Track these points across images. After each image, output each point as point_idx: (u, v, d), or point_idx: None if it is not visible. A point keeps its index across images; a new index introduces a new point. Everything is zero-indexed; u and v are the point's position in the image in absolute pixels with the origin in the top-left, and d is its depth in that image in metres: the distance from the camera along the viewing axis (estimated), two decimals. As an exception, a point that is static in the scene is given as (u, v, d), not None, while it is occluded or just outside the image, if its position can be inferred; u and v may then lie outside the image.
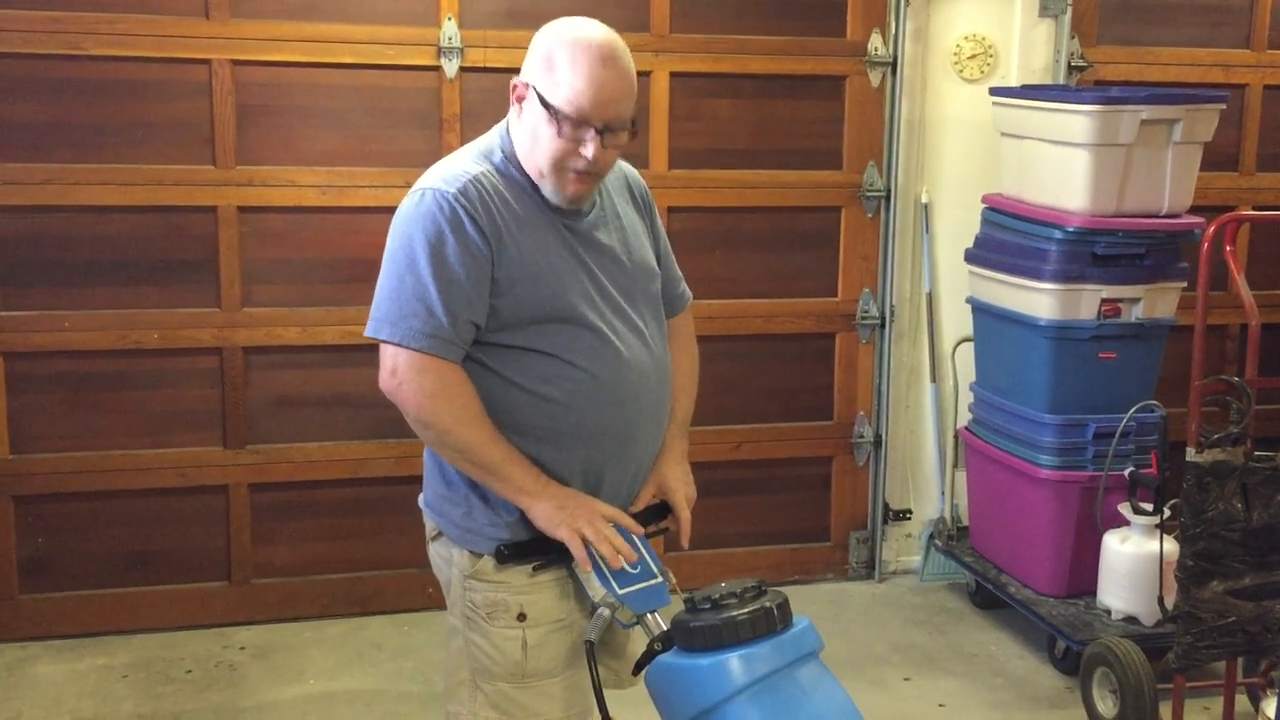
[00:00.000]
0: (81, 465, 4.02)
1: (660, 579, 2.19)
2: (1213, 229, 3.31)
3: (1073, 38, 4.47)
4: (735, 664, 1.94)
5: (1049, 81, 4.49)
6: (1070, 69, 4.48)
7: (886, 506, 4.62)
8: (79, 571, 4.07)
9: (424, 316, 2.10)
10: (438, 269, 2.10)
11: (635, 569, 2.17)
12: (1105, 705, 3.57)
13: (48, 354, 3.96)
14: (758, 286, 4.44)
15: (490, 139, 2.26)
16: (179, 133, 3.96)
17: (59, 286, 3.95)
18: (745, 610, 1.96)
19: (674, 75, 4.23)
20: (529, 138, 2.16)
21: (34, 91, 3.86)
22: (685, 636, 2.00)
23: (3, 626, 4.01)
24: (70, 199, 3.91)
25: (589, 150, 2.12)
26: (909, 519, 4.67)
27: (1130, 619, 3.81)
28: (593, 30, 2.14)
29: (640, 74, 4.42)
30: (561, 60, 2.10)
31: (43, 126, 3.88)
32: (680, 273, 2.50)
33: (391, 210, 2.20)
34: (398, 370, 2.12)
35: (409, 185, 2.22)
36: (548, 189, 2.18)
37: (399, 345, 2.11)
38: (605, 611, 2.13)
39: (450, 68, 4.05)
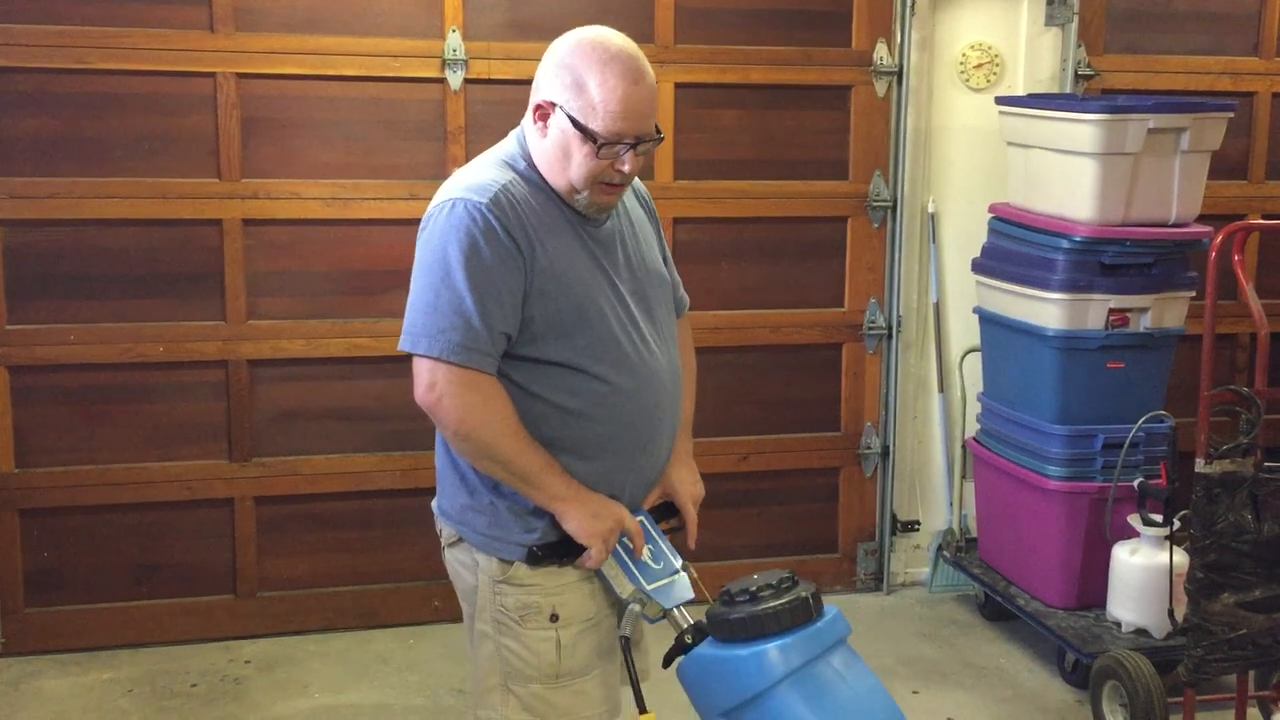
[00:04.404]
0: (87, 479, 4.02)
1: (683, 574, 2.25)
2: (1221, 238, 3.29)
3: (1079, 46, 4.46)
4: (775, 653, 2.00)
5: (1055, 90, 4.48)
6: (1077, 78, 4.46)
7: (894, 518, 4.60)
8: (84, 585, 4.06)
9: (462, 329, 2.09)
10: (473, 280, 2.09)
11: (659, 564, 2.23)
12: (1116, 719, 3.55)
13: (53, 367, 3.96)
14: (764, 297, 4.43)
15: (509, 147, 2.25)
16: (184, 146, 3.96)
17: (64, 299, 3.95)
18: (783, 601, 2.03)
19: (679, 86, 4.23)
20: (558, 154, 2.16)
21: (40, 105, 3.87)
22: (724, 628, 2.05)
23: (8, 640, 4.01)
24: (76, 212, 3.91)
25: (626, 166, 2.15)
26: (917, 530, 4.65)
27: (1140, 631, 3.79)
28: (615, 46, 2.12)
29: (645, 85, 4.30)
30: (592, 84, 2.09)
31: (48, 140, 3.89)
32: (679, 277, 2.51)
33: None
34: (436, 384, 2.11)
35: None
36: (581, 202, 2.19)
37: (437, 359, 2.10)
38: (636, 607, 2.19)
39: (455, 80, 4.04)
